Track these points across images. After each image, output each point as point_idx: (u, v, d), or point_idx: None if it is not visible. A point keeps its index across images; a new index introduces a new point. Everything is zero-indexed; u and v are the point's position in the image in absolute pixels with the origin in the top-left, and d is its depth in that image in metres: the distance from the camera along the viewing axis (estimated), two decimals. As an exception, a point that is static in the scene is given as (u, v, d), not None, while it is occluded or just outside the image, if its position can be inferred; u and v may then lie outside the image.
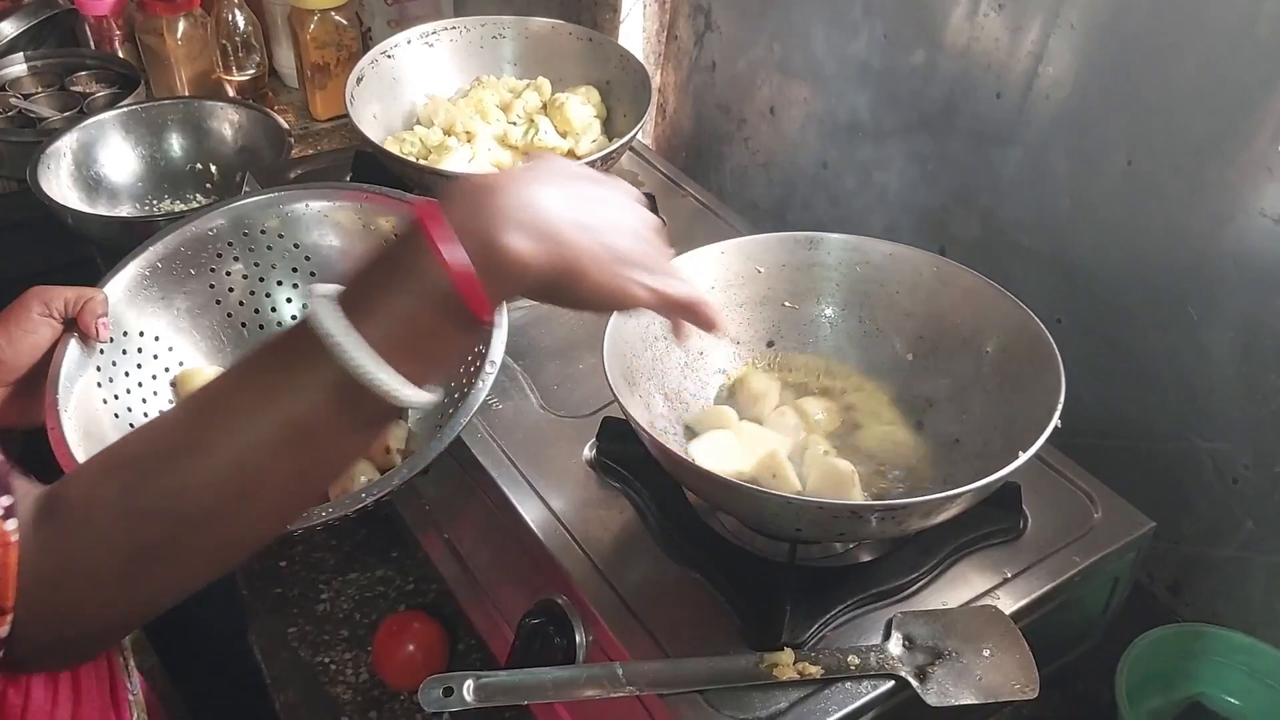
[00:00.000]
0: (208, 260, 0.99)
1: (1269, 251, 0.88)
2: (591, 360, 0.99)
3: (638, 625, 0.79)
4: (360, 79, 1.17)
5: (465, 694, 0.72)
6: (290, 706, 0.95)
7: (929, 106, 1.13)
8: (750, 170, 1.44)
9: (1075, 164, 1.02)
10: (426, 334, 0.57)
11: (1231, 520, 0.96)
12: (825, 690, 0.75)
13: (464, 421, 0.82)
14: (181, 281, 0.98)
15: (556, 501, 0.87)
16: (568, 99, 1.17)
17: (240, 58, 1.66)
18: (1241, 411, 0.93)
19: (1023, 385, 0.83)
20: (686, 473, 0.79)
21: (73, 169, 1.45)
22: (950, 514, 0.75)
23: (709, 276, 0.94)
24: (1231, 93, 0.87)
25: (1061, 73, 1.00)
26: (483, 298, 0.56)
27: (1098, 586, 0.88)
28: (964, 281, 0.90)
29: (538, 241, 0.58)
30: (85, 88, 1.69)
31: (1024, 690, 0.75)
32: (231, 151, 1.55)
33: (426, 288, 0.56)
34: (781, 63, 1.33)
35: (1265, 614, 0.96)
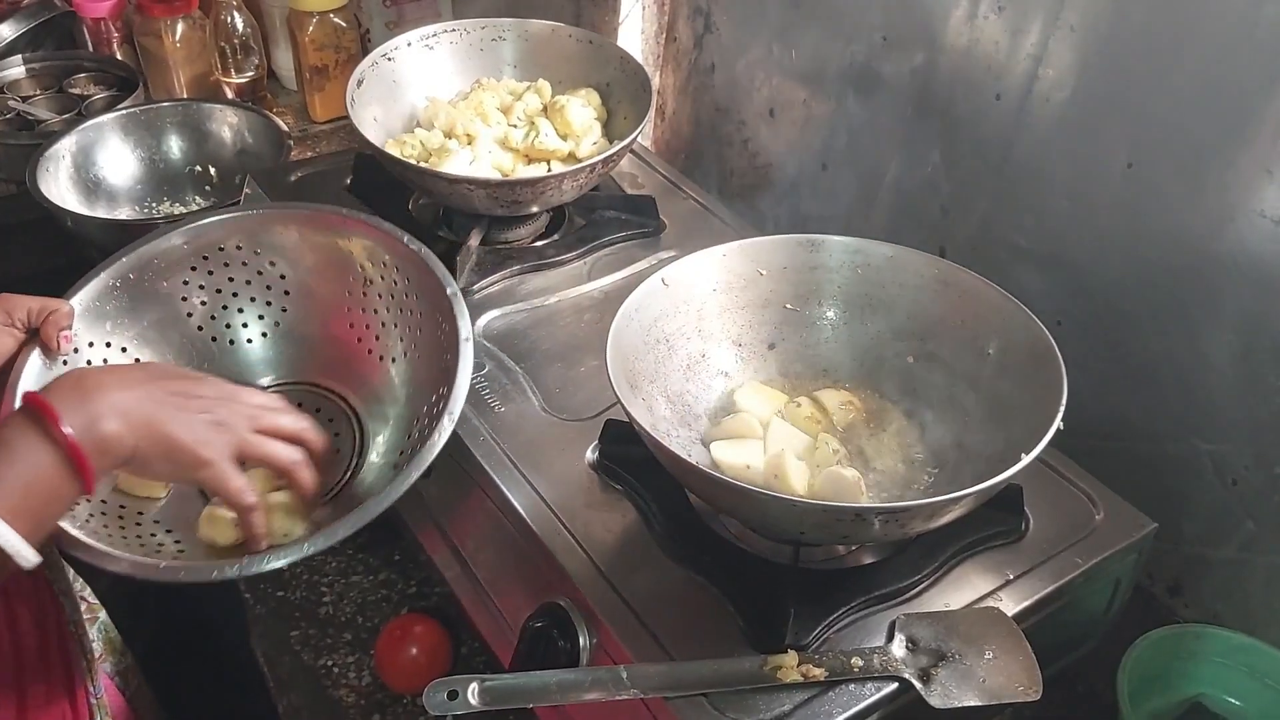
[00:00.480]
0: (174, 275, 0.99)
1: (1269, 253, 0.88)
2: (594, 363, 1.00)
3: (641, 628, 0.79)
4: (360, 82, 1.17)
5: (470, 697, 0.72)
6: (293, 710, 0.95)
7: (929, 109, 1.13)
8: (750, 172, 1.44)
9: (1075, 166, 1.02)
10: (43, 501, 0.70)
11: (1232, 521, 0.97)
12: (829, 692, 0.75)
13: (416, 474, 0.83)
14: (149, 295, 0.98)
15: (559, 504, 0.87)
16: (568, 101, 1.18)
17: (239, 60, 1.66)
18: (1242, 413, 0.94)
19: (1024, 387, 0.83)
20: (689, 475, 0.79)
21: (72, 171, 1.46)
22: (953, 516, 0.75)
23: (711, 279, 0.94)
24: (1231, 94, 0.88)
25: (1061, 75, 1.00)
26: (91, 469, 0.70)
27: (1099, 588, 0.89)
28: (965, 283, 0.90)
29: (128, 426, 0.73)
30: (84, 90, 1.69)
31: (1027, 692, 0.75)
32: (231, 154, 1.56)
33: (43, 461, 0.69)
34: (781, 64, 1.33)
35: (1266, 614, 0.96)
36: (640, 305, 0.89)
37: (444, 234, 1.17)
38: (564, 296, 1.10)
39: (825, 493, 0.83)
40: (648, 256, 1.15)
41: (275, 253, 1.01)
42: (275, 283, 1.02)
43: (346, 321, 1.01)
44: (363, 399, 0.99)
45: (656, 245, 1.18)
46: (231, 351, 1.02)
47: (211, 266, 1.00)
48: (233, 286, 1.01)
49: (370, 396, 0.99)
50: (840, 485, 0.82)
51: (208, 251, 1.00)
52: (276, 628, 1.02)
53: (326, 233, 1.00)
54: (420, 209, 1.22)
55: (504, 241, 1.16)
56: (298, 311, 1.02)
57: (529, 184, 1.07)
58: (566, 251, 1.15)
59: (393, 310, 0.99)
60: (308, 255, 1.01)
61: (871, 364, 0.95)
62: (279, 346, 1.03)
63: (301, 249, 1.01)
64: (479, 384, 0.98)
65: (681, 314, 0.93)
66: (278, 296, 1.02)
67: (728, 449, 0.88)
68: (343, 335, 1.01)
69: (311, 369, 1.02)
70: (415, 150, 1.15)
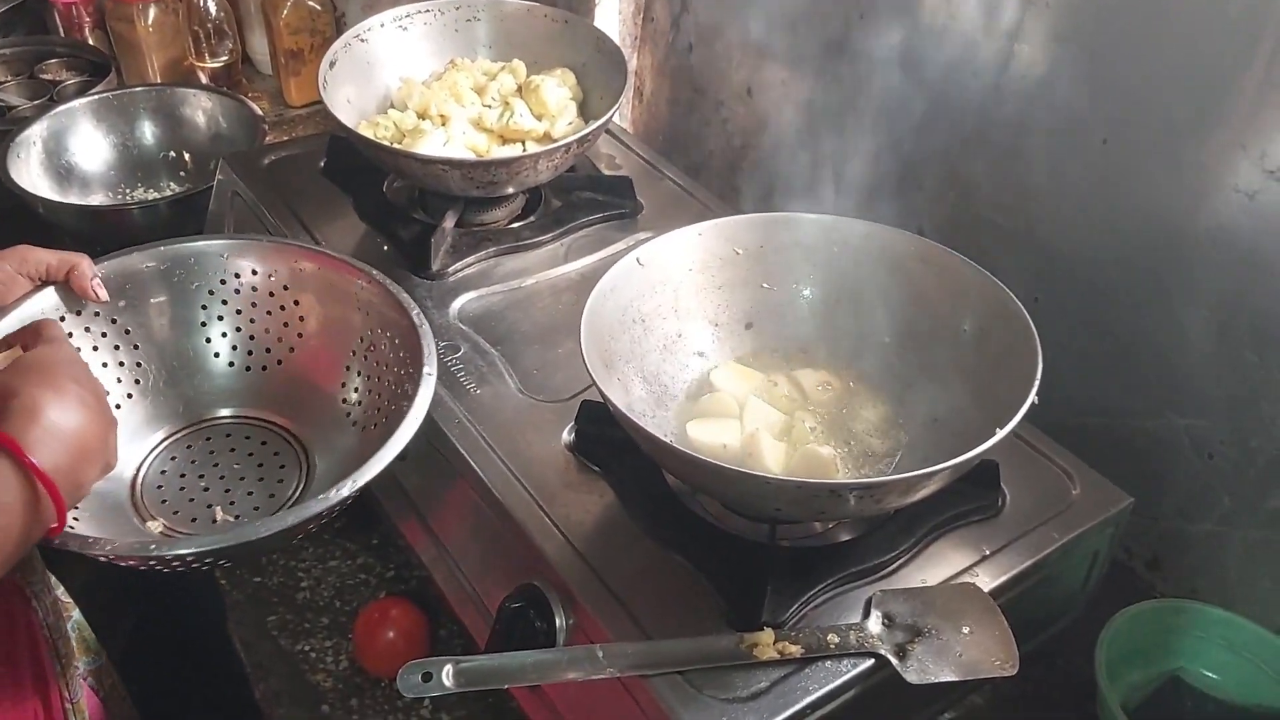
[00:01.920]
0: (205, 280, 0.99)
1: (1245, 227, 0.88)
2: (570, 344, 0.99)
3: (618, 607, 0.78)
4: (333, 63, 1.16)
5: (444, 679, 0.72)
6: (271, 695, 0.95)
7: (906, 86, 1.13)
8: (728, 151, 1.43)
9: (1051, 143, 1.02)
10: (17, 542, 0.67)
11: (1209, 496, 0.97)
12: (805, 669, 0.75)
13: (411, 432, 0.83)
14: (176, 290, 0.98)
15: (536, 486, 0.87)
16: (543, 81, 1.17)
17: (213, 44, 1.65)
18: (1218, 388, 0.94)
19: (1001, 363, 0.83)
20: (665, 455, 0.79)
21: (43, 158, 1.44)
22: (929, 491, 0.75)
23: (688, 258, 0.94)
24: (1207, 70, 0.88)
25: (1037, 51, 1.00)
26: (64, 504, 0.69)
27: (1076, 563, 0.89)
28: (942, 260, 0.90)
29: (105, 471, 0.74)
30: (55, 75, 1.67)
31: (1004, 666, 0.75)
32: (205, 139, 1.54)
33: (18, 499, 0.66)
34: (758, 44, 1.32)
35: (1243, 588, 0.96)
36: (616, 285, 0.89)
37: (419, 216, 1.16)
38: (541, 278, 1.10)
39: (801, 470, 0.82)
40: (625, 238, 1.15)
41: (303, 293, 1.00)
42: (289, 320, 1.00)
43: (325, 367, 1.00)
44: (315, 438, 0.99)
45: (634, 226, 1.17)
46: (200, 374, 1.01)
47: (240, 284, 1.00)
48: (253, 313, 1.00)
49: (322, 437, 0.99)
50: (816, 462, 0.82)
51: (240, 270, 0.99)
52: (253, 613, 1.02)
53: (341, 281, 0.99)
54: (395, 191, 1.21)
55: (480, 224, 1.16)
56: (283, 350, 1.01)
57: (504, 164, 1.06)
58: (543, 233, 1.14)
59: (369, 363, 0.98)
60: (328, 302, 1.00)
61: (849, 342, 0.95)
62: (247, 377, 1.01)
63: (326, 295, 1.00)
64: (455, 367, 0.98)
65: (658, 294, 0.93)
66: (274, 330, 1.01)
67: (703, 428, 0.88)
68: (314, 378, 1.00)
69: (269, 403, 1.01)
70: (389, 131, 1.14)
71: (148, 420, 0.98)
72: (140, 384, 0.98)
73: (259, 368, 1.01)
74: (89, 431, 0.71)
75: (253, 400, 1.01)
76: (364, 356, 0.97)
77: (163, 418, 0.99)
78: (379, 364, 0.96)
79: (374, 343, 0.97)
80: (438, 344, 0.92)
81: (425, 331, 0.92)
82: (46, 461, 0.67)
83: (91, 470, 0.73)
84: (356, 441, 0.96)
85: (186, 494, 0.94)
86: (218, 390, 1.01)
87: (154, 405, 0.98)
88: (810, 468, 0.83)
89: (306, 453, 0.98)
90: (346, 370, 0.98)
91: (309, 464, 0.97)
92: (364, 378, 0.97)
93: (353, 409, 0.98)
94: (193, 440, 0.99)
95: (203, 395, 1.00)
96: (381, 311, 0.96)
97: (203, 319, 1.00)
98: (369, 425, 0.95)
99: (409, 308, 0.94)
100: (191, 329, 1.00)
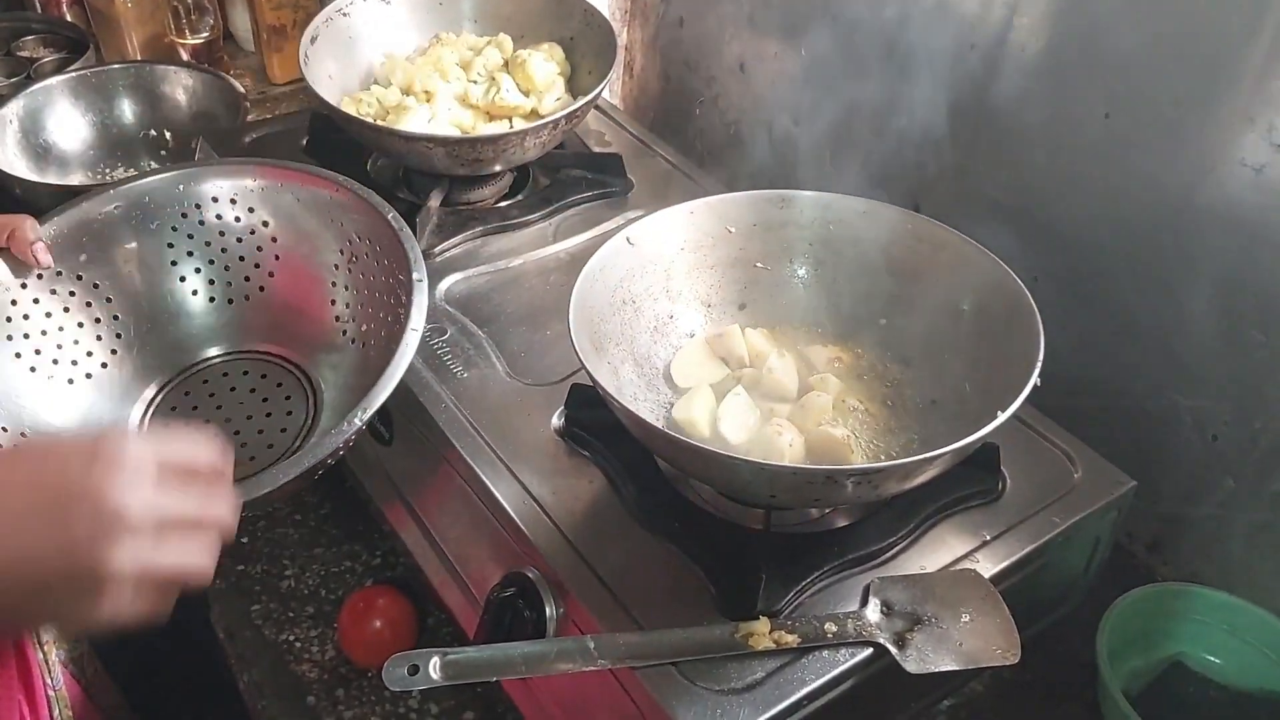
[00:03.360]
0: (164, 218, 0.94)
1: (1251, 203, 0.86)
2: (558, 326, 0.97)
3: (610, 597, 0.76)
4: (315, 38, 1.13)
5: (431, 672, 0.70)
6: (254, 686, 0.93)
7: (902, 60, 1.10)
8: (720, 128, 1.41)
9: (1051, 117, 0.99)
10: None
11: (1211, 478, 0.95)
12: (802, 659, 0.73)
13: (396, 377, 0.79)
14: (138, 233, 0.94)
15: (524, 471, 0.85)
16: (530, 56, 1.14)
17: (193, 20, 1.61)
18: (1222, 368, 0.92)
19: (1001, 344, 0.81)
20: (656, 440, 0.77)
21: (20, 137, 1.41)
22: (928, 476, 0.73)
23: (679, 237, 0.92)
24: (1211, 41, 0.85)
25: (1036, 23, 0.98)
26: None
27: (1078, 547, 0.87)
28: (940, 238, 0.88)
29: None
30: (32, 53, 1.64)
31: (1005, 655, 0.73)
32: (186, 117, 1.51)
33: None
34: (751, 18, 1.29)
35: (1245, 572, 0.95)
36: (605, 265, 0.86)
37: (404, 195, 1.14)
38: (528, 258, 1.07)
39: (816, 451, 0.81)
40: (615, 217, 1.12)
41: (270, 212, 0.96)
42: (261, 243, 0.96)
43: (308, 286, 0.96)
44: (315, 362, 0.95)
45: (624, 205, 1.15)
46: (183, 316, 0.97)
47: (204, 215, 0.95)
48: (222, 242, 0.96)
49: (322, 359, 0.95)
50: (830, 444, 0.81)
51: (200, 200, 0.95)
52: (236, 603, 1.00)
53: (306, 193, 0.95)
54: (379, 170, 1.18)
55: (466, 202, 1.13)
56: (261, 275, 0.97)
57: (490, 141, 1.04)
58: (531, 212, 1.12)
59: (354, 275, 0.94)
60: (298, 218, 0.96)
61: (844, 323, 0.93)
62: (231, 311, 0.97)
63: (294, 210, 0.95)
64: (441, 349, 0.96)
65: (648, 274, 0.91)
66: (249, 257, 0.97)
67: (688, 406, 0.85)
68: (300, 301, 0.97)
69: (260, 335, 0.97)
70: (372, 108, 1.12)
71: (138, 375, 0.95)
72: (122, 338, 0.94)
73: (241, 299, 0.97)
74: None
75: (243, 335, 0.97)
76: (348, 270, 0.94)
77: (153, 369, 0.95)
78: (365, 274, 0.92)
79: (355, 254, 0.93)
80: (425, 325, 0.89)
81: (406, 235, 0.88)
82: None
83: (54, 597, 0.56)
84: (358, 358, 0.92)
85: None
86: (204, 330, 0.97)
87: (141, 358, 0.95)
88: (824, 449, 0.81)
89: (310, 379, 0.94)
90: (333, 286, 0.95)
91: (315, 389, 0.94)
92: (352, 291, 0.94)
93: (347, 325, 0.94)
94: (191, 386, 0.95)
95: (190, 338, 0.97)
96: (356, 219, 0.92)
97: (173, 258, 0.96)
98: (367, 341, 0.92)
99: (384, 211, 0.90)
100: (163, 270, 0.96)
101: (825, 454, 0.81)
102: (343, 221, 0.93)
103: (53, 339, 0.91)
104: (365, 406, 0.77)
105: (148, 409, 0.94)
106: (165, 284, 0.96)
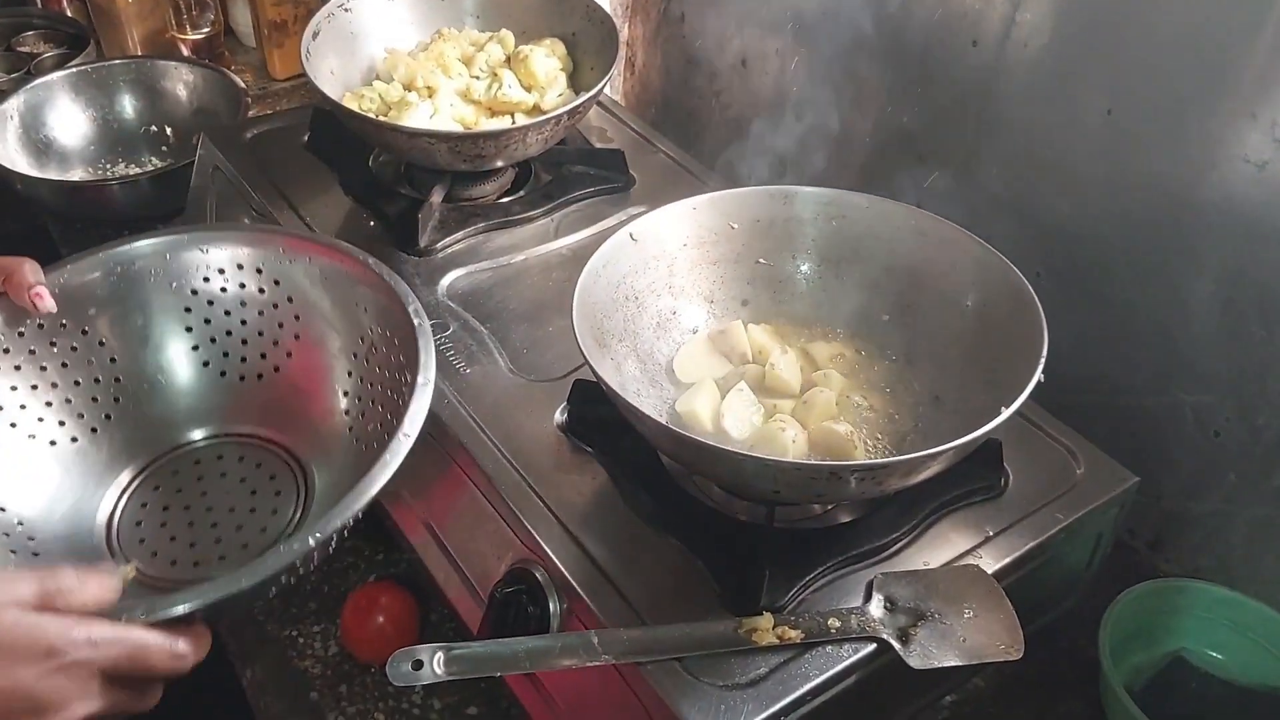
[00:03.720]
0: (185, 278, 0.88)
1: (1252, 198, 0.86)
2: (561, 322, 0.97)
3: (613, 592, 0.76)
4: (316, 34, 1.13)
5: (435, 667, 0.70)
6: (257, 683, 0.93)
7: (904, 56, 1.11)
8: (722, 124, 1.41)
9: (1054, 113, 0.99)
10: None
11: (1213, 474, 0.95)
12: (806, 654, 0.73)
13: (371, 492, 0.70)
14: (157, 290, 0.88)
15: (527, 467, 0.85)
16: (532, 51, 1.14)
17: (194, 16, 1.61)
18: (1224, 363, 0.92)
19: (1004, 340, 0.81)
20: (660, 435, 0.76)
21: (20, 132, 1.41)
22: (931, 472, 0.73)
23: (682, 233, 0.92)
24: (1214, 37, 0.85)
25: (1039, 19, 0.98)
26: None
27: (1081, 543, 0.87)
28: (943, 234, 0.88)
29: None
30: (33, 48, 1.64)
31: (1008, 650, 0.73)
32: (187, 113, 1.51)
33: None
34: (753, 14, 1.29)
35: (1247, 568, 0.95)
36: (608, 261, 0.86)
37: (406, 191, 1.13)
38: (530, 254, 1.07)
39: (820, 446, 0.81)
40: (617, 213, 1.12)
41: (290, 288, 0.88)
42: (283, 320, 0.89)
43: (321, 372, 0.89)
44: (313, 455, 0.89)
45: (626, 201, 1.15)
46: (177, 391, 0.90)
47: (226, 282, 0.89)
48: (239, 314, 0.89)
49: (321, 453, 0.88)
50: (833, 440, 0.81)
51: (225, 264, 0.88)
52: (240, 599, 1.00)
53: (342, 272, 0.87)
54: (381, 166, 1.18)
55: (468, 198, 1.13)
56: (278, 354, 0.90)
57: (492, 137, 1.04)
58: (533, 208, 1.12)
59: (369, 368, 0.87)
60: (319, 297, 0.88)
61: (847, 319, 0.93)
62: (231, 390, 0.90)
63: (316, 288, 0.88)
64: (444, 345, 0.95)
65: (651, 270, 0.91)
66: (267, 333, 0.90)
67: (692, 401, 0.85)
68: (311, 386, 0.90)
69: (259, 418, 0.90)
70: (374, 104, 1.11)
71: (119, 452, 0.88)
72: (108, 416, 0.87)
73: (242, 378, 0.91)
74: None
75: (240, 416, 0.91)
76: (365, 360, 0.87)
77: (137, 445, 0.89)
78: (379, 368, 0.86)
79: (373, 344, 0.86)
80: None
81: (424, 333, 0.81)
82: None
83: None
84: (356, 457, 0.86)
85: (168, 531, 0.84)
86: (199, 408, 0.90)
87: (125, 433, 0.88)
88: (827, 445, 0.81)
89: (305, 472, 0.88)
90: (347, 376, 0.88)
91: (309, 485, 0.87)
92: (365, 385, 0.87)
93: (353, 421, 0.88)
94: (179, 465, 0.89)
95: (181, 415, 0.90)
96: (378, 305, 0.86)
97: (176, 326, 0.89)
98: (370, 442, 0.85)
99: (406, 302, 0.83)
100: (161, 340, 0.89)
101: (828, 450, 0.81)
102: (366, 306, 0.87)
103: (19, 407, 0.83)
104: (320, 528, 0.68)
105: (127, 487, 0.87)
106: (162, 355, 0.90)
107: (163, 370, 0.90)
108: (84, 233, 1.36)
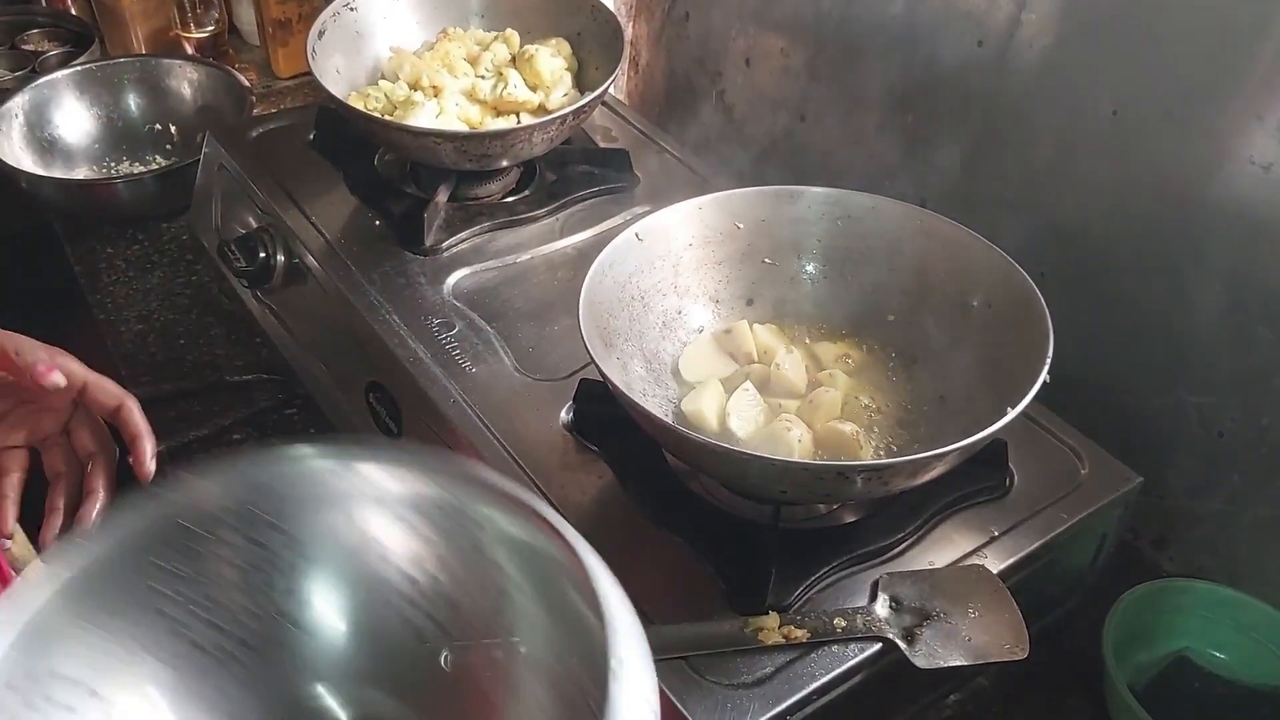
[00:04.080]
0: (187, 556, 0.58)
1: (1258, 200, 0.86)
2: (567, 321, 0.97)
3: (619, 591, 0.77)
4: (322, 33, 1.13)
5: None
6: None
7: (909, 56, 1.10)
8: (727, 124, 1.41)
9: (1059, 113, 0.99)
10: None
11: (1218, 474, 0.95)
12: (811, 654, 0.73)
13: None
14: (132, 592, 0.57)
15: (533, 466, 0.85)
16: (537, 51, 1.14)
17: (198, 14, 1.61)
18: (1229, 364, 0.92)
19: (1009, 340, 0.81)
20: (665, 435, 0.77)
21: (25, 130, 1.41)
22: (936, 473, 0.73)
23: (687, 233, 0.92)
24: (1221, 37, 0.85)
25: (1045, 19, 0.98)
26: None
27: (1085, 543, 0.87)
28: (948, 234, 0.88)
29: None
30: (37, 46, 1.64)
31: (1014, 650, 0.73)
32: (191, 111, 1.51)
33: None
34: (757, 13, 1.29)
35: (1251, 568, 0.95)
36: (614, 261, 0.87)
37: (411, 191, 1.14)
38: (536, 254, 1.07)
39: (825, 446, 0.81)
40: (621, 212, 1.12)
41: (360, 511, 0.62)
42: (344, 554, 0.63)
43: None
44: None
45: (630, 200, 1.15)
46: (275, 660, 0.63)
47: (240, 539, 0.61)
48: (273, 564, 0.62)
49: None
50: (838, 439, 0.81)
51: (244, 516, 0.60)
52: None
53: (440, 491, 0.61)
54: (386, 165, 1.18)
55: (473, 198, 1.13)
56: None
57: (497, 137, 1.04)
58: (538, 207, 1.12)
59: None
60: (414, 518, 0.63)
61: (852, 319, 0.93)
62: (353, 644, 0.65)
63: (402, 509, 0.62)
64: (449, 345, 0.96)
65: (656, 269, 0.91)
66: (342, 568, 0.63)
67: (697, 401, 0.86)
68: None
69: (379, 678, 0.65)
70: (379, 103, 1.11)
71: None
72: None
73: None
74: None
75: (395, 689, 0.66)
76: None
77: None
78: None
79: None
80: (433, 321, 0.88)
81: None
82: None
83: None
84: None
85: None
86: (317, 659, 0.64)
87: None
88: (833, 445, 0.81)
89: None
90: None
91: None
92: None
93: None
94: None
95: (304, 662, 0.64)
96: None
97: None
98: None
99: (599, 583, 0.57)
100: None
101: (834, 450, 0.82)
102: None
103: None
104: None
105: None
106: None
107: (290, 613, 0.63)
108: (89, 230, 1.36)
